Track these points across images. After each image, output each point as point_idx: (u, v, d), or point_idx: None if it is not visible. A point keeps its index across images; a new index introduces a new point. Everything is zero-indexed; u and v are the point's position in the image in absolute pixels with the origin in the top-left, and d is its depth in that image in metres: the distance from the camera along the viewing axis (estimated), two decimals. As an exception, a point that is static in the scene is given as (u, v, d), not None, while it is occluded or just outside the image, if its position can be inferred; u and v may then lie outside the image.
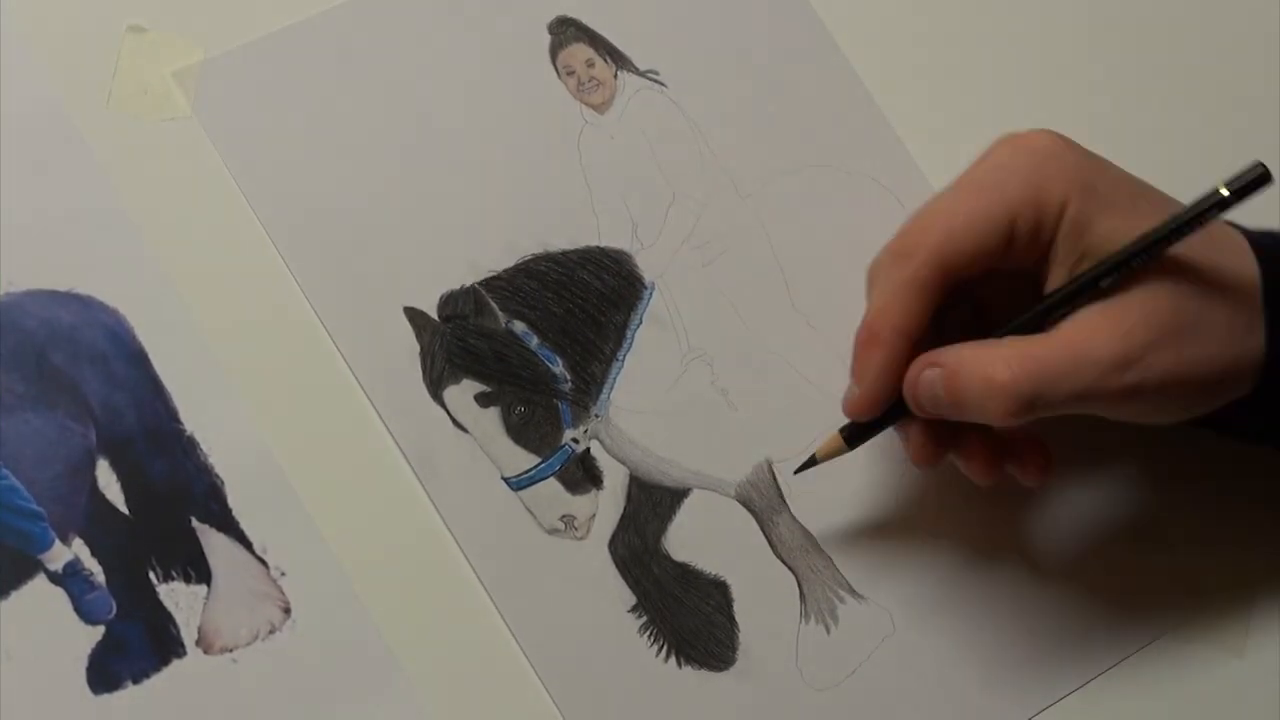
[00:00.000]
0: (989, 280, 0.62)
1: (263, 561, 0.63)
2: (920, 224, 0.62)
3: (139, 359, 0.63)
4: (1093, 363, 0.59)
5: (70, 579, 0.61)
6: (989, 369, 0.59)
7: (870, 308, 0.62)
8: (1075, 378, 0.59)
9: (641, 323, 0.68)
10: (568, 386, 0.66)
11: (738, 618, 0.65)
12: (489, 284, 0.67)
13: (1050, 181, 0.60)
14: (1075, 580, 0.67)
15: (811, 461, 0.65)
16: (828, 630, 0.66)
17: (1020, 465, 0.63)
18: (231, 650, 0.62)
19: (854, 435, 0.64)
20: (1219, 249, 0.61)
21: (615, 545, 0.65)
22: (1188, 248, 0.60)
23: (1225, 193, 0.59)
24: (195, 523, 0.62)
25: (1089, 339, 0.59)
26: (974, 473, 0.63)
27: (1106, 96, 0.75)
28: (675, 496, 0.66)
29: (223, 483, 0.63)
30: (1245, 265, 0.61)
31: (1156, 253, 0.60)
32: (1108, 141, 0.74)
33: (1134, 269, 0.60)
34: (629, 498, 0.66)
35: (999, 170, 0.61)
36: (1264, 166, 0.59)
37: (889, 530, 0.67)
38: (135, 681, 0.61)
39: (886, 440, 0.67)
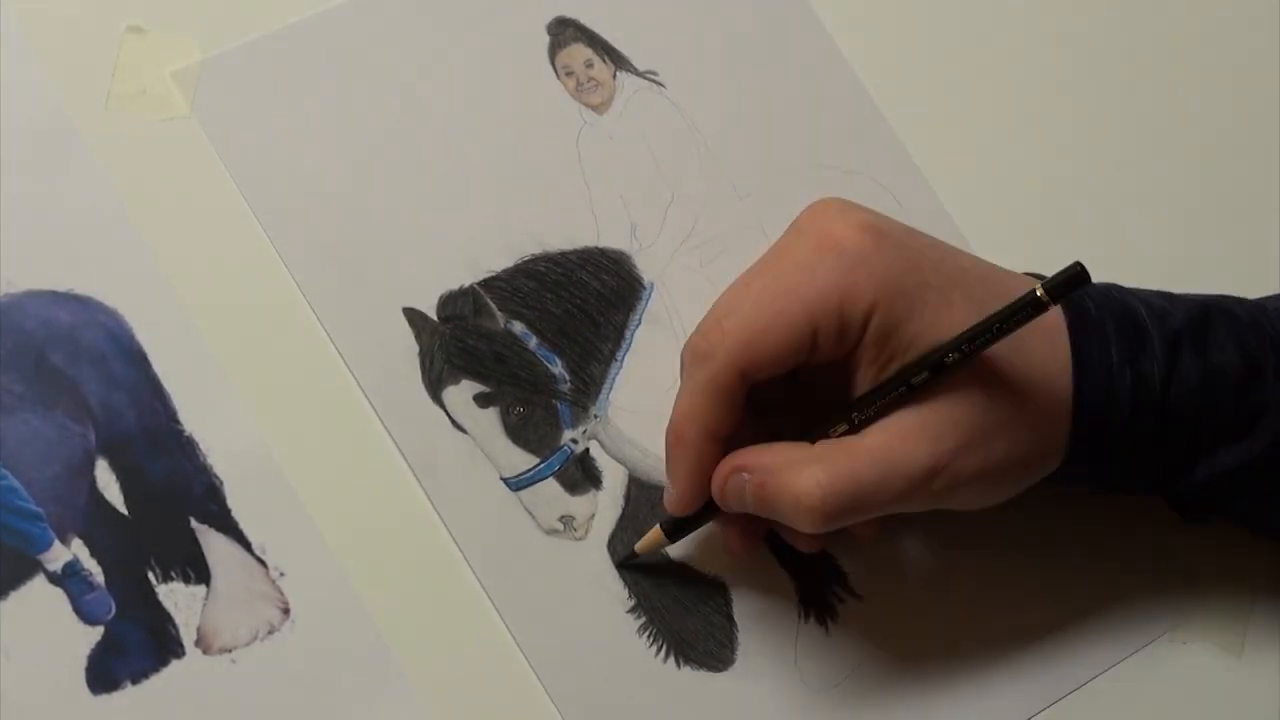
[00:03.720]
0: None
1: (262, 562, 0.63)
2: (720, 325, 0.60)
3: (138, 359, 0.63)
4: (902, 474, 0.59)
5: (69, 579, 0.61)
6: (797, 484, 0.59)
7: (675, 407, 0.61)
8: (885, 489, 0.59)
9: (640, 323, 0.68)
10: (566, 387, 0.66)
11: (736, 618, 0.65)
12: (488, 284, 0.67)
13: (856, 288, 0.59)
14: (1075, 581, 0.67)
15: (632, 555, 0.65)
16: (826, 630, 0.66)
17: (798, 538, 0.63)
18: (230, 650, 0.62)
19: (674, 530, 0.64)
20: (1034, 339, 0.60)
21: (614, 545, 0.65)
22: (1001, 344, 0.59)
23: (1042, 295, 0.57)
24: (194, 523, 0.62)
25: (899, 449, 0.59)
26: (732, 545, 0.64)
27: (1105, 95, 0.75)
28: (674, 497, 0.66)
29: (222, 483, 0.63)
30: (1059, 353, 0.60)
31: (970, 355, 0.59)
32: (1106, 140, 0.74)
33: (946, 369, 0.59)
34: (628, 498, 0.66)
35: (802, 272, 0.60)
36: (1082, 267, 0.57)
37: (889, 530, 0.67)
38: (134, 682, 0.61)
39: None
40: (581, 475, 0.66)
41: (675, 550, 0.65)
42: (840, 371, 0.61)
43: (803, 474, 0.59)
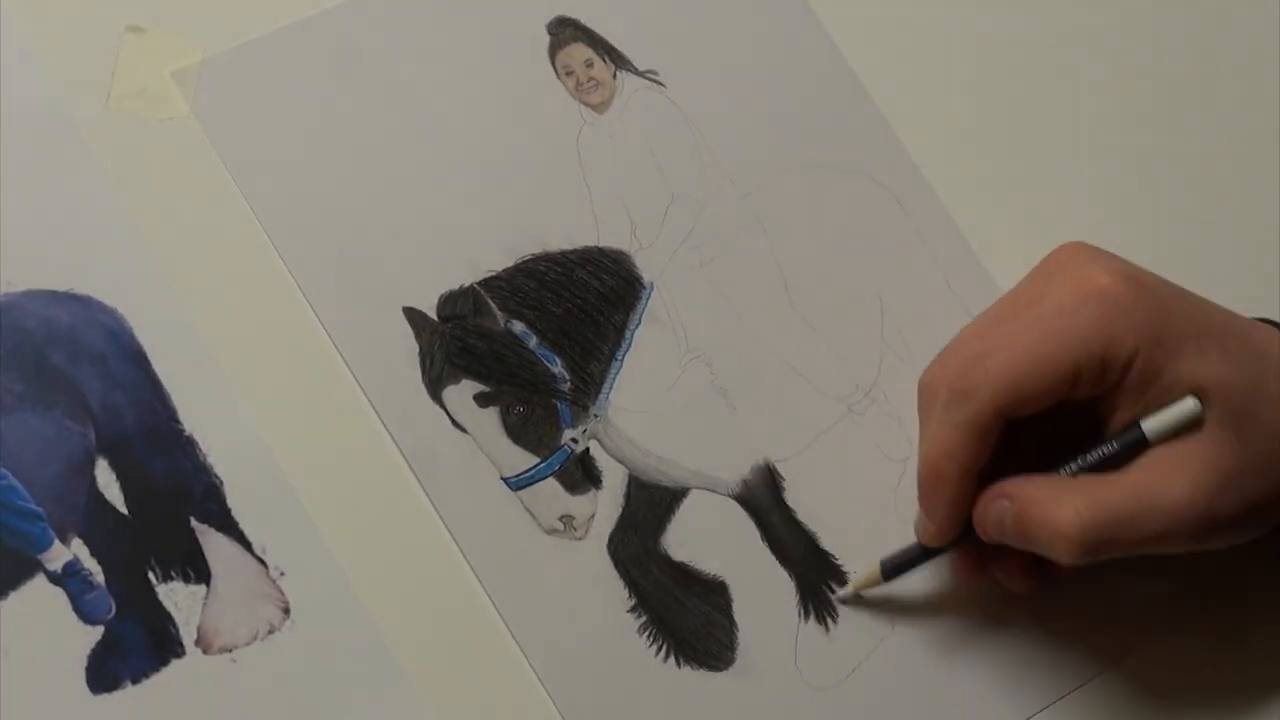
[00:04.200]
0: None
1: (262, 561, 0.63)
2: (982, 365, 0.62)
3: (138, 359, 0.63)
4: (1161, 511, 0.60)
5: (69, 579, 0.61)
6: (1058, 513, 0.60)
7: (932, 445, 0.63)
8: (1142, 526, 0.60)
9: (640, 323, 0.68)
10: (566, 386, 0.66)
11: (737, 617, 0.65)
12: (488, 284, 0.67)
13: (1119, 335, 0.60)
14: (1075, 580, 0.67)
15: (851, 594, 0.66)
16: (827, 630, 0.66)
17: (1060, 569, 0.65)
18: (230, 650, 0.62)
19: (892, 571, 0.65)
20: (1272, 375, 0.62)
21: (614, 545, 0.65)
22: (1234, 372, 0.61)
23: None
24: (194, 522, 0.62)
25: (1158, 488, 0.60)
26: (1013, 585, 0.65)
27: (1106, 94, 0.75)
28: (674, 496, 0.66)
29: (222, 482, 0.63)
30: None
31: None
32: (1107, 140, 0.74)
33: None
34: (628, 497, 0.66)
35: (1065, 317, 0.61)
36: None
37: (889, 530, 0.67)
38: (134, 681, 0.61)
39: (885, 441, 0.67)
40: (581, 475, 0.66)
41: (675, 550, 0.65)
42: (1091, 408, 0.63)
43: (1063, 504, 0.60)
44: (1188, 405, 0.60)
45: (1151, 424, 0.61)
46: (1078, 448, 0.62)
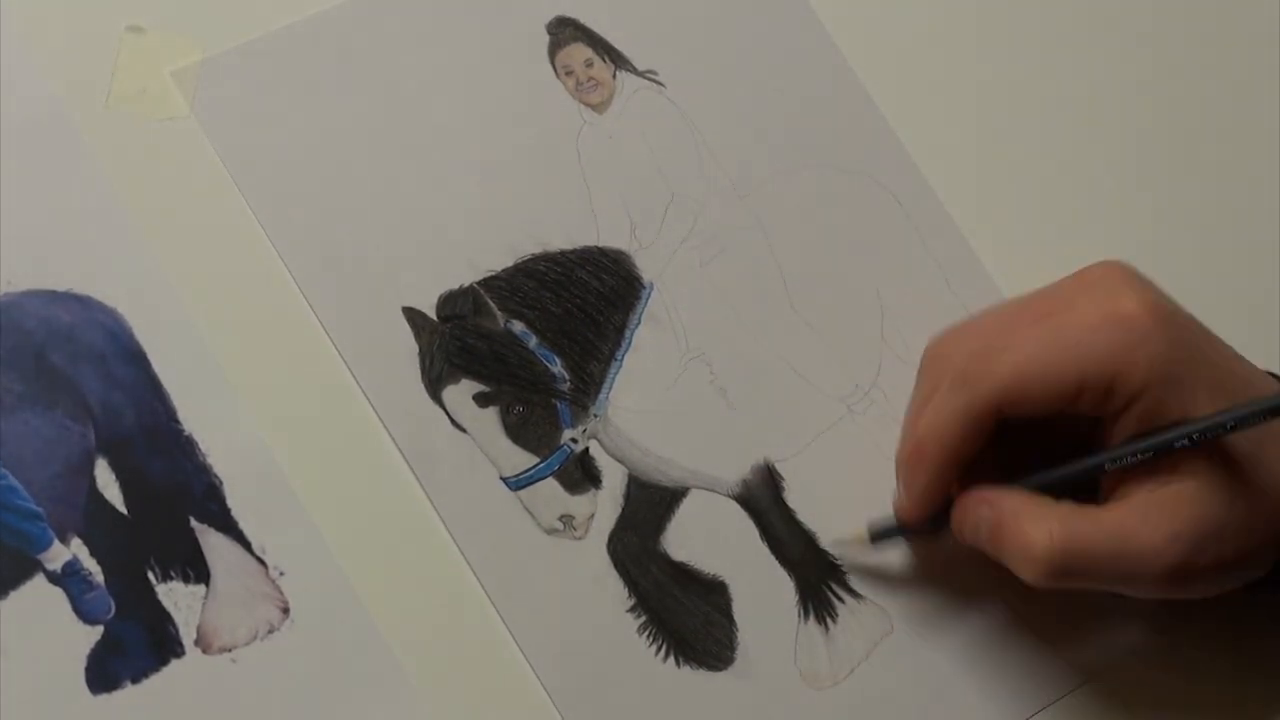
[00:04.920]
0: None
1: (261, 561, 0.63)
2: (993, 357, 0.62)
3: (138, 359, 0.63)
4: (1135, 554, 0.60)
5: (69, 579, 0.61)
6: (1032, 531, 0.60)
7: (922, 423, 0.62)
8: (1114, 564, 0.60)
9: (640, 322, 0.68)
10: (566, 386, 0.66)
11: (736, 617, 0.65)
12: (487, 284, 0.67)
13: (1134, 366, 0.60)
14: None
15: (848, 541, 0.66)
16: (827, 630, 0.66)
17: None
18: (230, 650, 0.62)
19: (878, 536, 0.66)
20: (1275, 437, 0.61)
21: (614, 545, 0.65)
22: (1244, 436, 0.60)
23: None
24: (194, 522, 0.62)
25: (1136, 530, 0.60)
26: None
27: (1107, 95, 0.75)
28: (674, 496, 0.66)
29: (221, 482, 0.63)
30: None
31: (1214, 440, 0.60)
32: (1107, 140, 0.74)
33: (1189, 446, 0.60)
34: (627, 497, 0.66)
35: (1085, 332, 0.61)
36: None
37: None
38: (134, 681, 0.61)
39: (885, 441, 0.67)
40: (581, 474, 0.66)
41: (674, 550, 0.65)
42: (1086, 425, 0.62)
43: (1039, 524, 0.60)
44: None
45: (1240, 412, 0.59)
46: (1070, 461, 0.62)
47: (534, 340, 0.66)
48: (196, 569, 0.62)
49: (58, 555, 0.61)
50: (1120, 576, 0.61)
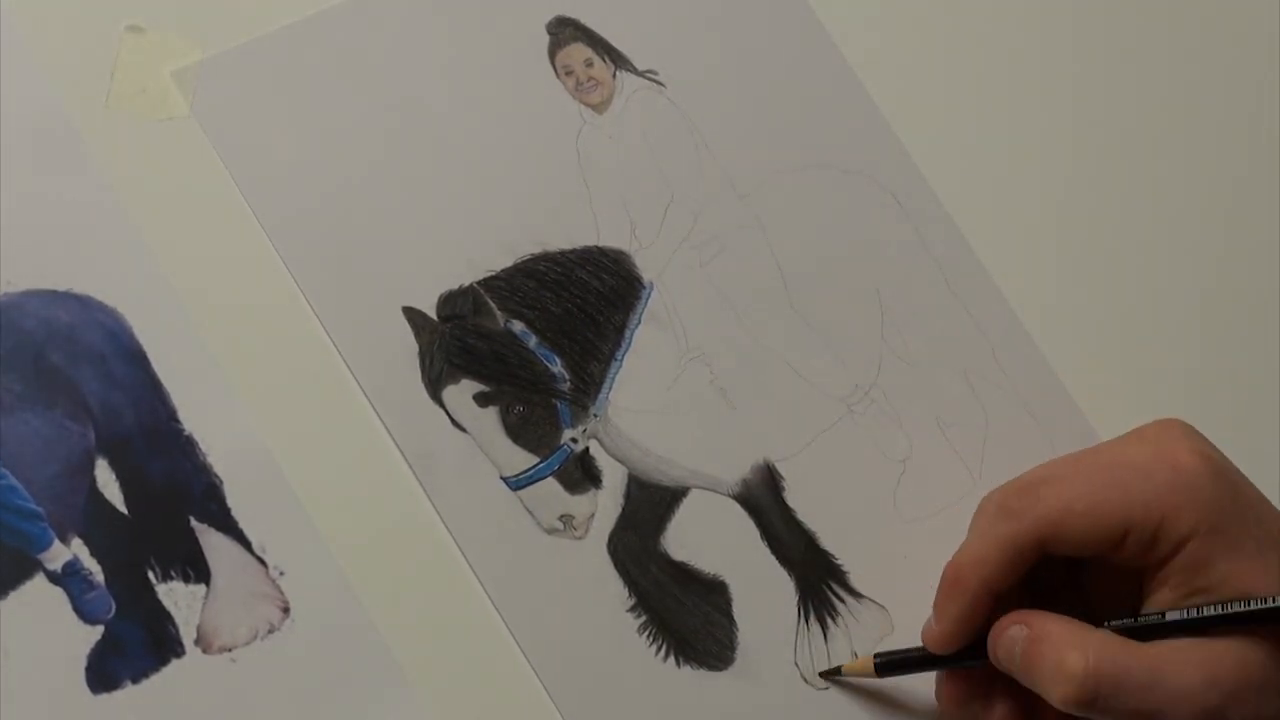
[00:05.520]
0: None
1: (262, 561, 0.63)
2: (1039, 490, 0.61)
3: (137, 358, 0.63)
4: (1169, 693, 0.59)
5: (69, 578, 0.61)
6: (1067, 653, 0.59)
7: (964, 550, 0.62)
8: (1144, 699, 0.59)
9: (640, 322, 0.68)
10: (566, 386, 0.66)
11: (736, 617, 0.65)
12: (488, 284, 0.67)
13: (1180, 512, 0.59)
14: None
15: (836, 671, 0.65)
16: (826, 630, 0.66)
17: None
18: (230, 650, 0.62)
19: (885, 668, 0.64)
20: None
21: (614, 544, 0.65)
22: None
23: None
24: (194, 522, 0.62)
25: (1176, 670, 0.59)
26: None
27: (1107, 95, 0.75)
28: (674, 496, 0.66)
29: (221, 482, 0.63)
30: None
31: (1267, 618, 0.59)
32: (1107, 141, 0.74)
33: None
34: (628, 497, 0.66)
35: (1133, 474, 0.60)
36: None
37: (889, 530, 0.67)
38: (134, 681, 0.61)
39: (885, 441, 0.67)
40: (581, 474, 0.66)
41: (675, 550, 0.65)
42: (1133, 577, 0.62)
43: (1076, 647, 0.59)
44: None
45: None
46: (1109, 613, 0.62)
47: (534, 340, 0.66)
48: (196, 569, 0.62)
49: (58, 555, 0.61)
50: (1150, 712, 0.59)
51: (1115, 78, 0.75)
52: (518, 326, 0.67)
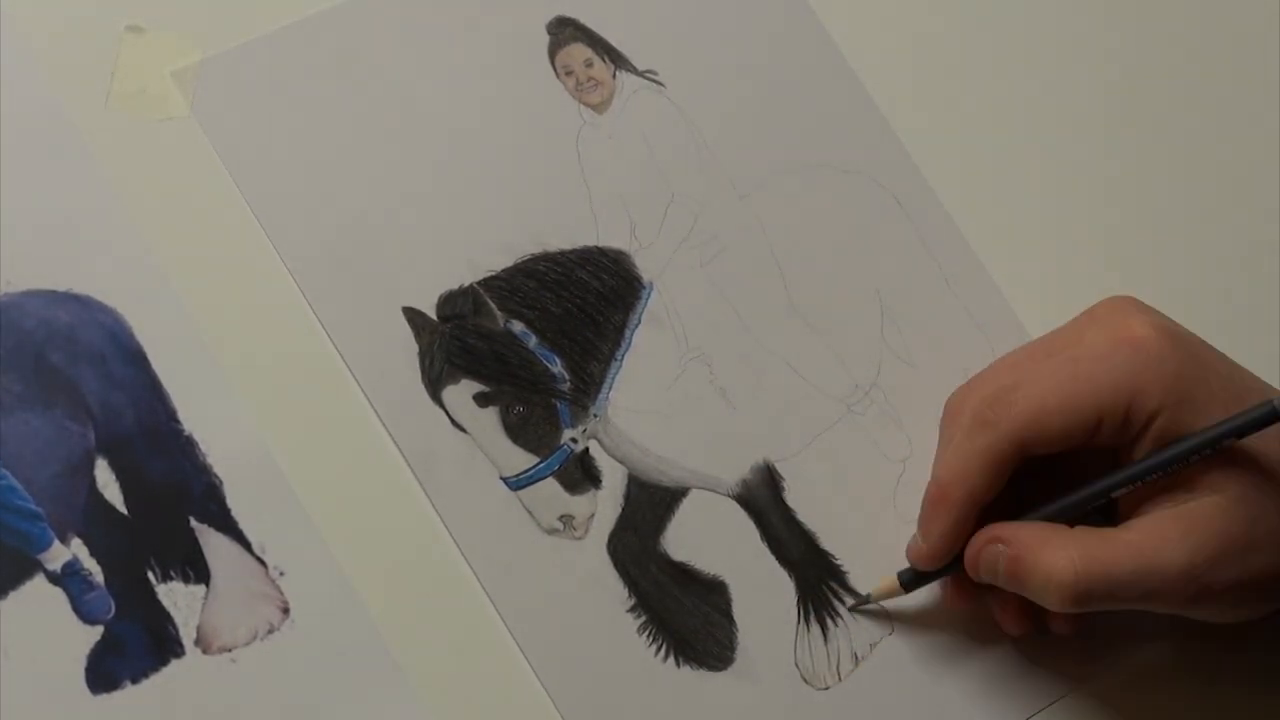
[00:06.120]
0: None
1: (262, 561, 0.63)
2: (1008, 397, 0.62)
3: (137, 359, 0.63)
4: (1158, 572, 0.60)
5: (69, 579, 0.61)
6: (1052, 561, 0.60)
7: (943, 466, 0.63)
8: (1138, 585, 0.60)
9: (640, 322, 0.68)
10: (566, 386, 0.66)
11: (736, 617, 0.65)
12: (487, 284, 0.67)
13: (1148, 388, 0.60)
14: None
15: (866, 600, 0.66)
16: (826, 630, 0.66)
17: (1053, 619, 0.64)
18: (230, 650, 0.62)
19: (912, 581, 0.65)
20: None
21: (614, 545, 0.65)
22: (1263, 441, 0.60)
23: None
24: (194, 522, 0.62)
25: (1157, 548, 0.60)
26: (1007, 624, 0.65)
27: (1106, 95, 0.75)
28: (674, 496, 0.66)
29: (221, 482, 0.63)
30: None
31: (1224, 447, 0.60)
32: (1107, 140, 0.74)
33: (1200, 459, 0.60)
34: (627, 497, 0.66)
35: (1097, 363, 0.61)
36: None
37: (889, 530, 0.67)
38: (134, 681, 0.61)
39: (885, 441, 0.67)
40: (581, 474, 0.66)
41: (674, 550, 0.65)
42: (1107, 458, 0.63)
43: (1058, 552, 0.60)
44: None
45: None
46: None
47: (534, 340, 0.66)
48: (196, 569, 0.62)
49: (58, 555, 0.61)
50: (1143, 595, 0.60)
51: (1115, 77, 0.75)
52: (518, 327, 0.66)
